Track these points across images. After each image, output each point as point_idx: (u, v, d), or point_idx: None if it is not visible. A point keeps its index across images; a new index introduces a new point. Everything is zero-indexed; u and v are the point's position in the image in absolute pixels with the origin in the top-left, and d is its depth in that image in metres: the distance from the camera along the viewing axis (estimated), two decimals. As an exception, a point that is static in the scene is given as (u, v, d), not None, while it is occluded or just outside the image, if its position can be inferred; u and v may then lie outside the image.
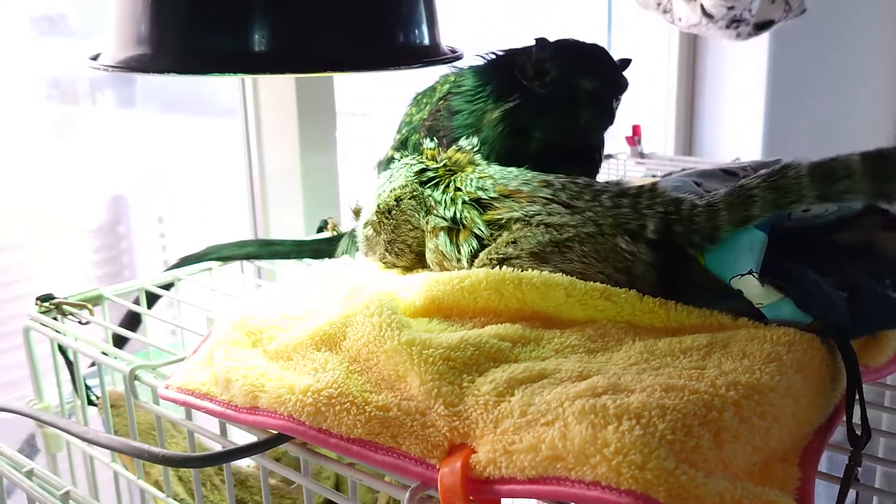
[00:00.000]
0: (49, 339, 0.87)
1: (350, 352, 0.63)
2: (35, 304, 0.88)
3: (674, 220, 0.66)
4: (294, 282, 0.82)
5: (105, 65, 0.68)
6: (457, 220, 0.75)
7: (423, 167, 0.80)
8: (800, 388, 0.56)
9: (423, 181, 0.79)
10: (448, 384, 0.56)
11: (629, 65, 0.86)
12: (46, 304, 0.88)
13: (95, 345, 0.82)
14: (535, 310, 0.66)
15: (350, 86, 1.44)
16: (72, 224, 1.29)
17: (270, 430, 0.62)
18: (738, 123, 2.12)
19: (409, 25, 0.71)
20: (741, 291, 0.62)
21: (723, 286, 0.63)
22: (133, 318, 0.97)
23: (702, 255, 0.65)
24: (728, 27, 1.57)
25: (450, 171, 0.79)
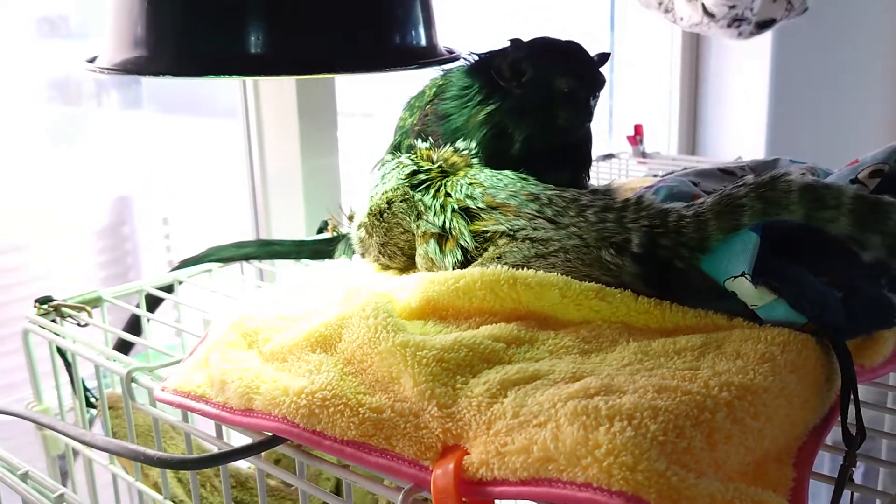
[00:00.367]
0: (48, 342, 0.87)
1: (345, 353, 0.63)
2: (34, 307, 0.88)
3: (659, 234, 0.66)
4: (291, 282, 0.82)
5: (101, 67, 0.68)
6: (446, 229, 0.75)
7: (416, 169, 0.80)
8: (794, 389, 0.56)
9: (415, 184, 0.79)
10: (441, 386, 0.56)
11: (607, 60, 0.84)
12: (45, 307, 0.88)
13: (94, 347, 0.82)
14: (531, 310, 0.66)
15: (351, 86, 1.44)
16: (76, 225, 1.29)
17: (266, 432, 0.63)
18: (741, 122, 2.11)
19: (406, 26, 0.71)
20: (735, 293, 0.62)
21: (718, 287, 0.63)
22: (136, 321, 0.97)
23: (698, 260, 0.65)
24: (729, 26, 1.56)
25: (442, 174, 0.79)
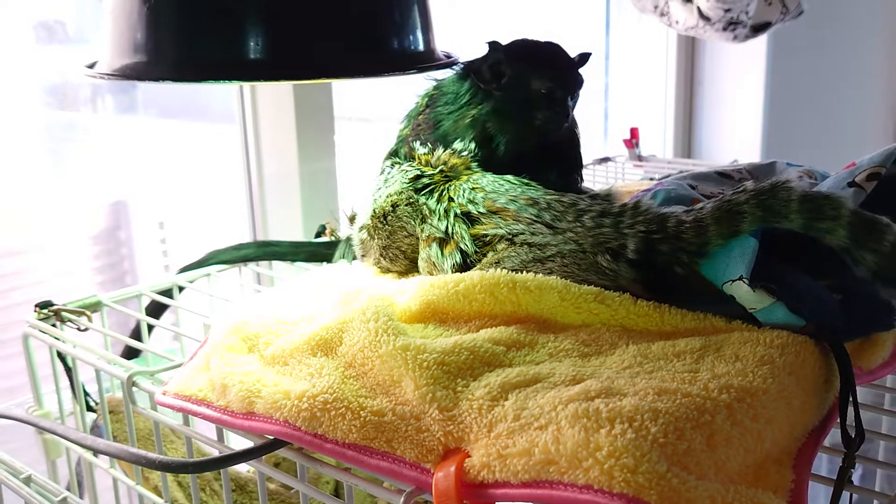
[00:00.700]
0: (48, 346, 0.87)
1: (346, 357, 0.63)
2: (34, 311, 0.88)
3: (657, 240, 0.66)
4: (291, 286, 0.82)
5: (101, 73, 0.68)
6: (449, 234, 0.76)
7: (419, 173, 0.81)
8: (793, 391, 0.56)
9: (419, 188, 0.79)
10: (442, 389, 0.57)
11: (588, 59, 0.84)
12: (45, 311, 0.88)
13: (94, 351, 0.82)
14: (530, 313, 0.67)
15: (349, 90, 1.44)
16: (73, 230, 1.29)
17: (267, 436, 0.63)
18: (737, 125, 2.12)
19: (404, 31, 0.71)
20: (733, 297, 0.62)
21: (716, 290, 0.63)
22: (139, 326, 0.97)
23: (697, 264, 0.65)
24: (725, 29, 1.57)
25: (445, 178, 0.79)
